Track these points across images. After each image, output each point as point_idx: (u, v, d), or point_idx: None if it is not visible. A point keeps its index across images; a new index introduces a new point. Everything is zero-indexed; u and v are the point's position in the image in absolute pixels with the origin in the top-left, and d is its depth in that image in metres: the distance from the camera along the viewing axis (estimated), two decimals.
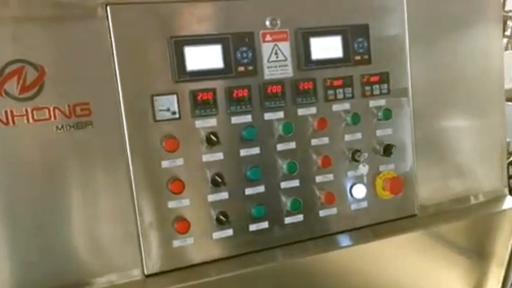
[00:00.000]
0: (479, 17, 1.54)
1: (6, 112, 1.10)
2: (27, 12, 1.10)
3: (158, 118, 1.21)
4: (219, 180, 1.25)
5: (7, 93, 1.09)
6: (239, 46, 1.27)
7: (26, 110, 1.11)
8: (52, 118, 1.13)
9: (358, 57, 1.39)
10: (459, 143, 1.56)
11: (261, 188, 1.32)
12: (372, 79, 1.41)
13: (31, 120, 1.12)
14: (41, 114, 1.12)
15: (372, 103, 1.42)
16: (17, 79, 1.10)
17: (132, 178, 1.20)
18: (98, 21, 1.15)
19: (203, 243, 1.29)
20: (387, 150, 1.42)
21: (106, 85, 1.17)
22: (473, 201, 1.60)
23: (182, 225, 1.24)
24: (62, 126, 1.14)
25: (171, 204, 1.24)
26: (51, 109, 1.13)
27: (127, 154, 1.20)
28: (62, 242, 1.18)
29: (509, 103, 1.69)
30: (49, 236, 1.17)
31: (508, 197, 1.63)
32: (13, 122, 1.10)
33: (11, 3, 1.09)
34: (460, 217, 1.55)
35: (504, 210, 1.59)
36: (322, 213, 1.39)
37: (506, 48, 4.00)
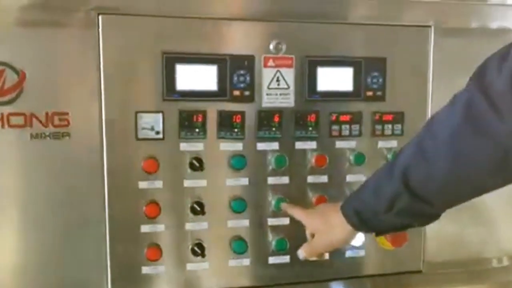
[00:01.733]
0: None
1: None
2: (14, 14, 1.07)
3: (140, 136, 1.15)
4: (198, 209, 1.17)
5: None
6: (237, 68, 1.18)
7: (2, 115, 1.07)
8: (28, 125, 1.09)
9: (370, 93, 1.27)
10: None
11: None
12: (385, 117, 1.29)
13: (6, 125, 1.08)
14: (17, 120, 1.08)
15: (382, 144, 1.29)
16: None
17: (106, 196, 1.14)
18: (88, 29, 1.10)
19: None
20: None
21: (89, 96, 1.12)
22: (495, 264, 1.43)
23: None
24: (37, 135, 1.10)
25: (143, 229, 1.17)
26: (28, 116, 1.09)
27: (103, 170, 1.14)
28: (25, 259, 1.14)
29: None
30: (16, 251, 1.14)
31: None
32: None
33: None
34: (473, 281, 1.38)
35: None
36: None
37: None
